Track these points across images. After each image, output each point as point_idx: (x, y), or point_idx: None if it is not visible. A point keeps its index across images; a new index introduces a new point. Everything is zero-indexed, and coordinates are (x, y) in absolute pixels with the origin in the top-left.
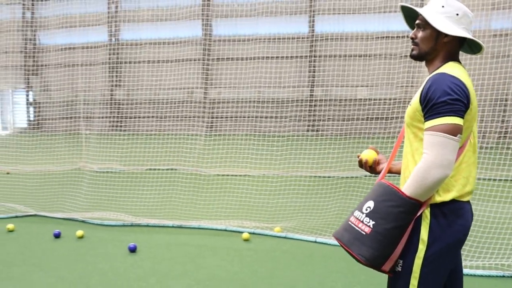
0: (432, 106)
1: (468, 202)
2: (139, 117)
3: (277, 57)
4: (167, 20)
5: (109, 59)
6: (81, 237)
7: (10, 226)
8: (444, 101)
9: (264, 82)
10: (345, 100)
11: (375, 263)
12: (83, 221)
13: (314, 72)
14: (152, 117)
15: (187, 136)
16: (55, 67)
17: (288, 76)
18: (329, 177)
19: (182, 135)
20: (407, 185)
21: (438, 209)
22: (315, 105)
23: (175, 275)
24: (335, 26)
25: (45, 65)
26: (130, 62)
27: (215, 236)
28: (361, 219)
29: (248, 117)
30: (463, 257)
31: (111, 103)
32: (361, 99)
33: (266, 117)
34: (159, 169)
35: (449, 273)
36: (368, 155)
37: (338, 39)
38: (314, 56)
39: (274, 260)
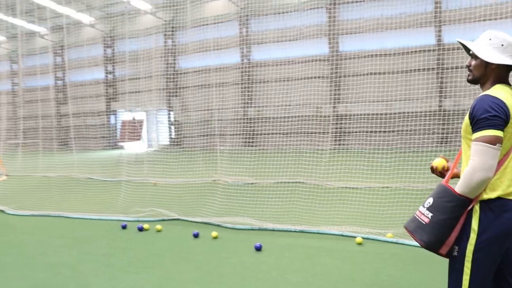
0: (476, 122)
1: None
2: (269, 134)
3: (405, 71)
4: (294, 40)
5: (241, 79)
6: (215, 238)
7: (158, 227)
8: (485, 117)
9: (391, 96)
10: None
11: (432, 246)
12: (218, 225)
13: (442, 84)
14: (281, 133)
15: (314, 151)
16: (193, 88)
17: (416, 89)
18: None
19: (308, 150)
20: (458, 185)
21: (486, 204)
22: (443, 118)
23: (294, 270)
24: (464, 36)
25: (184, 87)
26: (260, 81)
27: (331, 240)
28: (423, 212)
29: (376, 131)
30: None
31: (243, 120)
32: None
33: (393, 131)
34: (286, 182)
35: (506, 264)
36: (438, 162)
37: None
38: (442, 68)
39: (382, 261)
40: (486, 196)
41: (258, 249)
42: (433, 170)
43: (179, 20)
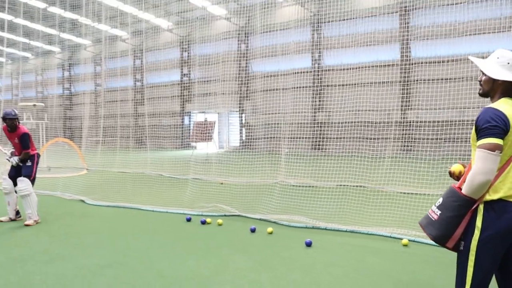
0: (479, 131)
1: None
2: (337, 138)
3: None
4: (366, 45)
5: (313, 83)
6: (270, 233)
7: (220, 221)
8: (486, 127)
9: (463, 102)
10: None
11: (439, 240)
12: (274, 222)
13: None
14: (349, 138)
15: (377, 156)
16: (264, 92)
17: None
18: None
19: (371, 156)
20: (464, 186)
21: (489, 205)
22: None
23: (337, 265)
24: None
25: (255, 91)
26: (331, 86)
27: (379, 240)
28: (434, 210)
29: (449, 139)
30: None
31: (313, 124)
32: None
33: (466, 140)
34: (347, 186)
35: (507, 257)
36: (456, 168)
37: None
38: None
39: (423, 262)
40: (489, 197)
41: (308, 245)
42: (451, 174)
43: (253, 26)
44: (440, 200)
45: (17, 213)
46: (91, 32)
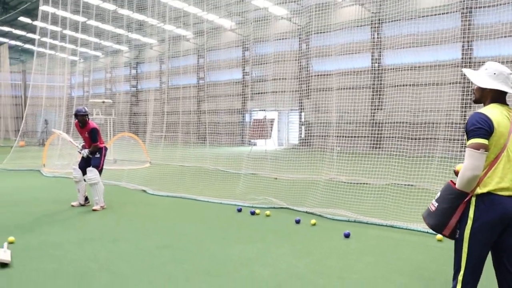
0: (467, 132)
1: (509, 196)
2: (395, 137)
3: None
4: (426, 44)
5: (373, 83)
6: (313, 225)
7: (268, 212)
8: (472, 129)
9: None
10: None
11: (436, 228)
12: (319, 215)
13: None
14: (408, 138)
15: (442, 157)
16: (324, 91)
17: None
18: None
19: (432, 155)
20: (456, 181)
21: (480, 197)
22: None
23: (371, 254)
24: None
25: (316, 89)
26: (391, 86)
27: (416, 235)
28: (433, 203)
29: None
30: None
31: (372, 124)
32: None
33: None
34: (397, 184)
35: (502, 248)
36: (459, 167)
37: None
38: None
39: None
40: (480, 191)
41: (347, 236)
42: (455, 173)
43: (313, 25)
44: (438, 194)
45: (86, 199)
46: (156, 32)
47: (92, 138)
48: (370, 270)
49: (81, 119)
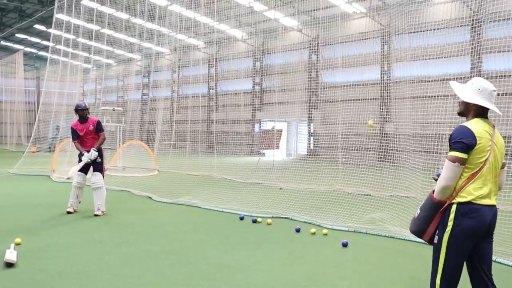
0: (450, 144)
1: (488, 206)
2: (404, 151)
3: None
4: (436, 58)
5: (381, 95)
6: (313, 234)
7: (269, 221)
8: (454, 142)
9: None
10: None
11: (416, 233)
12: (318, 225)
13: None
14: (415, 150)
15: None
16: (333, 102)
17: None
18: None
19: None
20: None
21: (461, 205)
22: None
23: (365, 263)
24: None
25: (325, 101)
26: (399, 98)
27: (413, 246)
28: (417, 210)
29: None
30: None
31: (380, 136)
32: None
33: None
34: (400, 196)
35: (478, 256)
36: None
37: None
38: None
39: None
40: (461, 199)
41: (345, 245)
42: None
43: (323, 37)
44: (422, 203)
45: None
46: (168, 41)
47: (98, 127)
48: (364, 278)
49: (82, 113)
